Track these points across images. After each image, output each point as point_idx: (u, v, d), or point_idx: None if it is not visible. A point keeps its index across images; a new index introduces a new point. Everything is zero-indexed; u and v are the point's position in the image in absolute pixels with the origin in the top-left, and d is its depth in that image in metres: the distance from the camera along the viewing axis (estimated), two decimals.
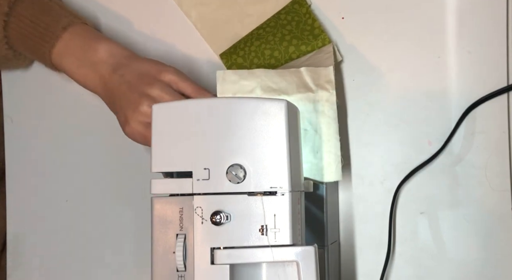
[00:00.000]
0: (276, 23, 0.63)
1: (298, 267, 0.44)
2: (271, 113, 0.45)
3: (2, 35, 0.61)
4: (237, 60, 0.63)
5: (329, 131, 0.56)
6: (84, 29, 0.62)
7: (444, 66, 0.62)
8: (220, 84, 0.58)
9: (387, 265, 0.62)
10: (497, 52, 0.61)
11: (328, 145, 0.56)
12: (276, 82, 0.57)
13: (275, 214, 0.44)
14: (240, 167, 0.45)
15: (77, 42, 0.60)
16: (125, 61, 0.59)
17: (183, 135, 0.46)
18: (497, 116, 0.61)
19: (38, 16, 0.60)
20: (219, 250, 0.44)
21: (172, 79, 0.58)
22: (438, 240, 0.62)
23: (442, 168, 0.62)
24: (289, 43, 0.62)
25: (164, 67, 0.59)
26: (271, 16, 0.65)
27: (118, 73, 0.58)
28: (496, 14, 0.61)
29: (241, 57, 0.63)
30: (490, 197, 0.61)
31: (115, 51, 0.60)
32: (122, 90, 0.57)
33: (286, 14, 0.63)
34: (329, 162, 0.56)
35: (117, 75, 0.58)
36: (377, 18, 0.63)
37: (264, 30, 0.64)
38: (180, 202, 0.45)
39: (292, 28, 0.63)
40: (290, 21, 0.63)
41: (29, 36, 0.61)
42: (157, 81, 0.57)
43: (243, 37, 0.65)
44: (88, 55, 0.60)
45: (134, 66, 0.59)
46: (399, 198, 0.63)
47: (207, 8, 0.67)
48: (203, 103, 0.47)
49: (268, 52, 0.62)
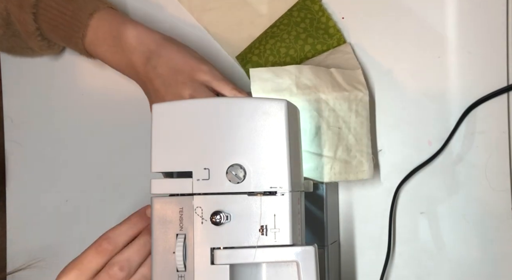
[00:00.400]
0: (290, 20, 0.63)
1: (298, 267, 0.44)
2: (271, 113, 0.45)
3: (34, 27, 0.60)
4: (252, 58, 0.63)
5: (362, 130, 0.57)
6: (111, 13, 0.60)
7: (444, 66, 0.62)
8: (254, 82, 0.56)
9: (387, 265, 0.62)
10: (497, 52, 0.61)
11: (360, 144, 0.57)
12: (310, 79, 0.57)
13: (275, 214, 0.44)
14: (240, 167, 0.45)
15: (106, 29, 0.59)
16: (156, 48, 0.57)
17: (183, 135, 0.46)
18: (497, 116, 0.61)
19: (64, 5, 0.59)
20: (219, 250, 0.44)
21: (206, 79, 0.56)
22: (438, 240, 0.62)
23: (442, 168, 0.62)
24: (304, 42, 0.62)
25: (198, 65, 0.57)
26: (283, 13, 0.64)
27: (150, 64, 0.57)
28: (496, 14, 0.61)
29: (256, 55, 0.63)
30: (490, 197, 0.61)
31: (144, 36, 0.58)
32: (156, 85, 0.56)
33: (298, 11, 0.63)
34: (361, 161, 0.57)
35: (149, 66, 0.57)
36: (377, 18, 0.63)
37: (278, 28, 0.63)
38: (180, 202, 0.45)
39: (306, 26, 0.62)
40: (303, 18, 0.63)
41: (59, 26, 0.59)
42: (191, 81, 0.56)
43: (258, 36, 0.65)
44: (119, 43, 0.58)
45: (166, 56, 0.57)
46: (399, 198, 0.63)
47: (217, 12, 0.66)
48: (203, 103, 0.47)
49: (283, 50, 0.62)
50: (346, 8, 0.64)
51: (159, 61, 0.57)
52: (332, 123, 0.57)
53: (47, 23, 0.60)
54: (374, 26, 0.63)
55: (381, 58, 0.63)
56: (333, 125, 0.57)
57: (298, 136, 0.50)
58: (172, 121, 0.46)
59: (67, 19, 0.59)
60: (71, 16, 0.59)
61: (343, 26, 0.64)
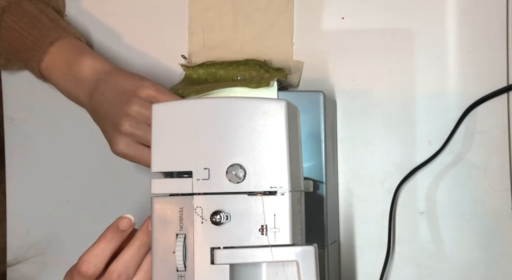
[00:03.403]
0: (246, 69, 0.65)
1: (298, 267, 0.44)
2: (271, 113, 0.45)
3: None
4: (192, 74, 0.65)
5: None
6: (71, 43, 0.61)
7: (444, 66, 0.62)
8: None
9: (387, 265, 0.62)
10: (497, 52, 0.61)
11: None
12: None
13: (275, 214, 0.44)
14: (240, 167, 0.45)
15: (63, 58, 0.60)
16: (105, 77, 0.58)
17: (183, 135, 0.46)
18: (497, 116, 0.61)
19: (27, 30, 0.60)
20: (219, 250, 0.44)
21: (150, 94, 0.57)
22: (438, 240, 0.62)
23: (442, 168, 0.62)
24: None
25: (141, 82, 0.57)
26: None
27: (99, 90, 0.58)
28: (496, 14, 0.61)
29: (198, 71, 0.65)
30: (490, 197, 0.61)
31: (98, 67, 0.59)
32: (104, 109, 0.57)
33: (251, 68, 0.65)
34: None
35: (98, 93, 0.58)
36: (377, 18, 0.63)
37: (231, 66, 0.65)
38: (180, 202, 0.45)
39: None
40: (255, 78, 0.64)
41: (19, 48, 0.61)
42: (135, 98, 0.56)
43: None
44: (73, 71, 0.59)
45: (112, 82, 0.58)
46: (399, 198, 0.63)
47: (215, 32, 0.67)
48: (203, 103, 0.47)
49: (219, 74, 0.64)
50: (346, 8, 0.64)
51: (106, 87, 0.58)
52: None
53: (6, 43, 0.61)
54: (374, 26, 0.63)
55: (381, 58, 0.63)
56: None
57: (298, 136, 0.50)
58: (172, 121, 0.46)
59: (27, 43, 0.60)
60: (32, 41, 0.60)
61: (343, 26, 0.64)
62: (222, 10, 0.66)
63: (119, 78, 0.58)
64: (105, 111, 0.57)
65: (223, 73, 0.64)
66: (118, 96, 0.57)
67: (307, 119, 0.58)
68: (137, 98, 0.56)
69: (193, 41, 0.67)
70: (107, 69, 0.59)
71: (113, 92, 0.57)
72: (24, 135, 0.72)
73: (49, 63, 0.60)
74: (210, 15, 0.67)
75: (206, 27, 0.67)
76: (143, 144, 0.56)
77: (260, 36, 0.66)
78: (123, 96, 0.56)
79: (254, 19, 0.66)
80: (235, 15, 0.66)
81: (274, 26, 0.65)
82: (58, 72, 0.60)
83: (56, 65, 0.60)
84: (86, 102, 0.60)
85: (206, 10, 0.67)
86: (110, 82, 0.58)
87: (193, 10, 0.67)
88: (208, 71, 0.64)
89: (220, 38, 0.67)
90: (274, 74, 0.63)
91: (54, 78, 0.61)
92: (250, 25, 0.66)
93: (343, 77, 0.64)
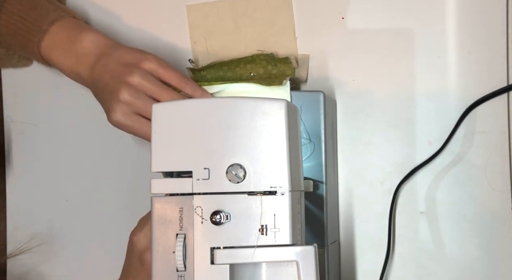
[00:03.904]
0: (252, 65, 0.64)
1: (298, 267, 0.44)
2: (271, 113, 0.45)
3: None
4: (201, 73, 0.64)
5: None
6: (72, 22, 0.61)
7: (444, 66, 0.62)
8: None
9: (386, 264, 0.62)
10: (497, 52, 0.61)
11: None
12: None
13: (275, 214, 0.44)
14: (240, 167, 0.45)
15: (63, 35, 0.60)
16: (108, 50, 0.59)
17: (183, 135, 0.46)
18: (497, 116, 0.61)
19: (26, 11, 0.60)
20: (219, 250, 0.44)
21: (152, 67, 0.57)
22: (438, 240, 0.62)
23: (442, 168, 0.62)
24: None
25: (144, 55, 0.58)
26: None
27: (101, 62, 0.58)
28: (496, 14, 0.61)
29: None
30: (490, 197, 0.61)
31: (100, 41, 0.60)
32: (105, 80, 0.57)
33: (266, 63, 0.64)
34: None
35: (100, 65, 0.58)
36: (377, 18, 0.63)
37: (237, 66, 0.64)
38: (180, 202, 0.45)
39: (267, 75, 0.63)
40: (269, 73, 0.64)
41: (18, 31, 0.60)
42: (137, 69, 0.56)
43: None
44: (75, 47, 0.60)
45: (115, 55, 0.58)
46: (399, 198, 0.63)
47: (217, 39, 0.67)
48: (203, 103, 0.47)
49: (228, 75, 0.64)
50: (346, 8, 0.64)
51: (109, 59, 0.58)
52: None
53: (6, 28, 0.61)
54: (374, 26, 0.63)
55: (381, 58, 0.63)
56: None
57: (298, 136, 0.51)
58: (172, 121, 0.46)
59: (27, 24, 0.60)
60: (31, 22, 0.60)
61: (343, 26, 0.64)
62: (221, 15, 0.66)
63: (122, 51, 0.59)
64: (105, 81, 0.57)
65: (231, 75, 0.64)
66: (120, 67, 0.57)
67: (307, 119, 0.58)
68: (139, 69, 0.57)
69: (196, 49, 0.67)
70: (110, 43, 0.60)
71: (115, 64, 0.57)
72: (24, 135, 0.72)
73: (49, 42, 0.60)
74: (210, 22, 0.67)
75: (208, 34, 0.67)
76: (141, 115, 0.56)
77: (262, 34, 0.66)
78: (124, 68, 0.57)
79: (254, 19, 0.66)
80: (235, 18, 0.66)
81: (275, 23, 0.65)
82: (59, 50, 0.60)
83: (57, 43, 0.60)
84: (87, 75, 0.59)
85: (205, 17, 0.67)
86: (113, 55, 0.58)
87: (192, 20, 0.67)
88: (217, 75, 0.64)
89: (223, 43, 0.67)
90: (282, 68, 0.62)
91: (55, 56, 0.61)
92: (251, 25, 0.66)
93: (343, 77, 0.64)
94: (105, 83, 0.57)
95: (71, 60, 0.60)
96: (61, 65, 0.61)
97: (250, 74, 0.63)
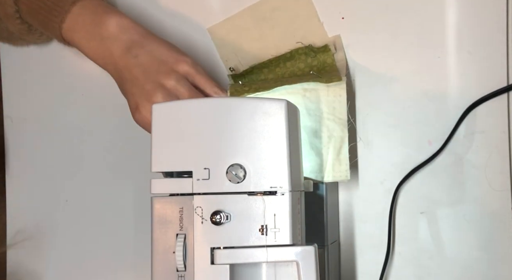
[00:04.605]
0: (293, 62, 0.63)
1: (298, 267, 0.44)
2: (271, 113, 0.45)
3: (13, 9, 0.59)
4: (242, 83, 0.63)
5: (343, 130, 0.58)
6: (94, 3, 0.59)
7: (444, 66, 0.62)
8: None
9: (386, 265, 0.62)
10: (497, 52, 0.61)
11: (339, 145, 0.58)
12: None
13: (275, 214, 0.44)
14: (240, 167, 0.45)
15: (86, 17, 0.58)
16: (139, 38, 0.57)
17: (183, 135, 0.46)
18: (497, 116, 0.61)
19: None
20: (219, 250, 0.44)
21: (188, 71, 0.56)
22: (438, 240, 0.62)
23: (442, 168, 0.62)
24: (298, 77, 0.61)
25: (181, 57, 0.57)
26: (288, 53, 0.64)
27: (132, 52, 0.56)
28: (496, 14, 0.61)
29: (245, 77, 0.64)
30: (490, 197, 0.61)
31: (128, 26, 0.57)
32: (136, 74, 0.56)
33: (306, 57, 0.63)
34: (340, 161, 0.58)
35: (130, 55, 0.56)
36: (377, 18, 0.63)
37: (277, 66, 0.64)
38: (180, 202, 0.45)
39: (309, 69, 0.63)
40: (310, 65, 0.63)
41: (39, 10, 0.58)
42: (173, 72, 0.55)
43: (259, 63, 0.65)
44: (99, 30, 0.57)
45: (149, 46, 0.57)
46: (399, 198, 0.63)
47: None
48: (203, 103, 0.47)
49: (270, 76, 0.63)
50: (346, 8, 0.64)
51: (141, 51, 0.56)
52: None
53: (26, 6, 0.59)
54: (374, 26, 0.63)
55: (381, 58, 0.63)
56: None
57: (298, 136, 0.51)
58: (172, 121, 0.46)
59: (48, 4, 0.58)
60: (53, 1, 0.58)
61: (343, 26, 0.64)
62: (242, 26, 0.65)
63: (157, 45, 0.57)
64: (136, 74, 0.56)
65: (272, 77, 0.63)
66: (154, 64, 0.56)
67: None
68: (176, 72, 0.56)
69: (229, 65, 0.66)
70: (139, 30, 0.58)
71: (148, 58, 0.56)
72: (24, 135, 0.72)
73: (71, 23, 0.58)
74: (234, 36, 0.66)
75: (236, 48, 0.66)
76: None
77: (288, 31, 0.65)
78: (160, 65, 0.56)
79: (275, 19, 0.65)
80: (257, 24, 0.65)
81: (297, 16, 0.64)
82: (81, 31, 0.58)
83: (79, 25, 0.58)
84: (112, 62, 0.58)
85: (228, 33, 0.66)
86: (146, 46, 0.57)
87: (217, 40, 0.66)
88: (258, 79, 0.63)
89: (253, 52, 0.66)
90: (321, 58, 0.62)
91: (77, 38, 0.58)
92: (275, 26, 0.65)
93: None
94: (135, 76, 0.56)
95: (94, 43, 0.58)
96: (83, 48, 0.59)
97: (291, 71, 0.62)
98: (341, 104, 0.57)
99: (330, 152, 0.57)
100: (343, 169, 0.57)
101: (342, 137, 0.57)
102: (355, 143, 0.63)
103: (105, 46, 0.57)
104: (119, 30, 0.57)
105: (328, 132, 0.57)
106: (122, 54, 0.57)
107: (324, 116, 0.57)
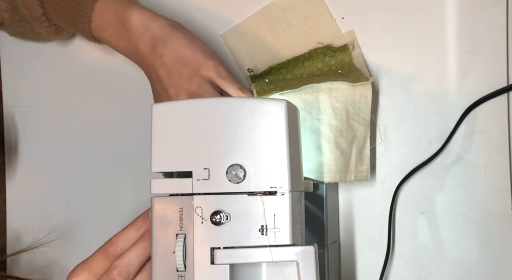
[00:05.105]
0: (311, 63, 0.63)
1: (298, 267, 0.44)
2: (271, 113, 0.45)
3: (40, 12, 0.59)
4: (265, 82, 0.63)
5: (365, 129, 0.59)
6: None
7: (444, 66, 0.62)
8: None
9: (386, 265, 0.62)
10: (497, 52, 0.61)
11: (360, 144, 0.59)
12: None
13: (275, 214, 0.44)
14: (240, 167, 0.45)
15: (110, 14, 0.58)
16: (161, 34, 0.57)
17: (183, 135, 0.46)
18: (497, 116, 0.61)
19: None
20: (219, 250, 0.44)
21: (212, 76, 0.56)
22: (438, 240, 0.62)
23: (442, 168, 0.62)
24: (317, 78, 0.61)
25: (205, 61, 0.56)
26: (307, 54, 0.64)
27: (157, 52, 0.56)
28: (496, 14, 0.61)
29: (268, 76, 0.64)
30: (490, 197, 0.61)
31: (149, 21, 0.57)
32: (161, 75, 0.56)
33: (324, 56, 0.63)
34: (361, 161, 0.59)
35: (156, 54, 0.56)
36: (377, 18, 0.63)
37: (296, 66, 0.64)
38: (180, 202, 0.45)
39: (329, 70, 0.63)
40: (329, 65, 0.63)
41: (66, 11, 0.59)
42: (196, 76, 0.56)
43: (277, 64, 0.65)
44: (123, 28, 0.58)
45: (172, 45, 0.56)
46: (399, 198, 0.63)
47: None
48: (203, 103, 0.47)
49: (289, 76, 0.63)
50: (346, 8, 0.64)
51: (165, 50, 0.56)
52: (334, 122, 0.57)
53: (53, 9, 0.59)
54: (374, 26, 0.63)
55: (381, 58, 0.63)
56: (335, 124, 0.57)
57: (298, 136, 0.51)
58: (172, 121, 0.46)
59: (73, 4, 0.58)
60: (77, 1, 0.58)
61: (343, 26, 0.64)
62: (255, 30, 0.65)
63: (180, 44, 0.57)
64: (161, 76, 0.56)
65: (291, 77, 0.63)
66: (178, 66, 0.56)
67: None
68: (199, 77, 0.56)
69: (246, 70, 0.66)
70: (162, 24, 0.57)
71: (172, 59, 0.56)
72: (24, 135, 0.72)
73: (98, 22, 0.58)
74: (247, 41, 0.66)
75: (251, 53, 0.66)
76: None
77: (302, 30, 0.64)
78: (183, 68, 0.56)
79: (288, 20, 0.65)
80: (270, 26, 0.65)
81: (309, 15, 0.64)
82: (109, 30, 0.58)
83: (105, 23, 0.58)
84: (141, 60, 0.58)
85: (241, 38, 0.66)
86: (170, 45, 0.56)
87: (231, 46, 0.66)
88: (277, 79, 0.63)
89: (268, 54, 0.65)
90: (339, 57, 0.62)
91: (107, 37, 0.59)
92: (288, 27, 0.65)
93: None
94: (160, 77, 0.56)
95: (123, 42, 0.58)
96: (115, 47, 0.60)
97: (309, 71, 0.62)
98: (366, 105, 0.57)
99: (353, 152, 0.57)
100: (364, 169, 0.58)
101: (365, 137, 0.58)
102: (374, 145, 0.63)
103: (133, 44, 0.58)
104: (142, 27, 0.57)
105: (352, 132, 0.57)
106: (148, 54, 0.57)
107: (349, 116, 0.57)
